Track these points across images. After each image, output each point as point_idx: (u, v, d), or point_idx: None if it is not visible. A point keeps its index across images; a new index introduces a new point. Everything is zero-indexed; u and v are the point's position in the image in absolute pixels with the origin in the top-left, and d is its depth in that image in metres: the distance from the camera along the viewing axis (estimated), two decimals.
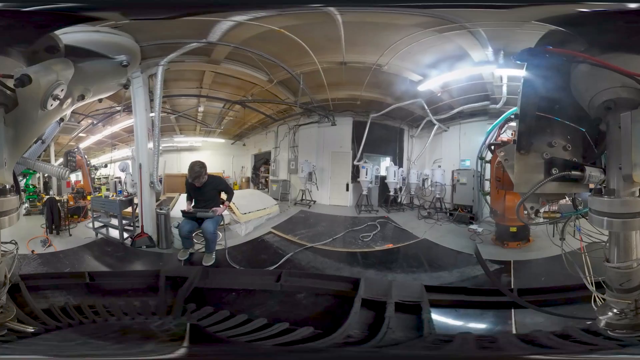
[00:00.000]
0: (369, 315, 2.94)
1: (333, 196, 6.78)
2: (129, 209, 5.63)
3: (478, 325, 3.16)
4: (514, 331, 2.98)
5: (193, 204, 5.00)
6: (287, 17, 4.20)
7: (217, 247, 5.04)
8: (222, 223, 5.14)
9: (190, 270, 3.75)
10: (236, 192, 6.23)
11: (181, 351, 2.24)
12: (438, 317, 3.10)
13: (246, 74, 5.60)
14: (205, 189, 4.95)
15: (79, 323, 2.75)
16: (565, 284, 2.96)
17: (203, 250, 5.02)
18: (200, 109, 6.51)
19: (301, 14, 4.16)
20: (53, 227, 5.30)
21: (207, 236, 4.83)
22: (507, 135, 4.36)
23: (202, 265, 4.79)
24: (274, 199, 6.87)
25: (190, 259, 5.01)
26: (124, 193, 5.87)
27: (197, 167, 4.82)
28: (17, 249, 2.42)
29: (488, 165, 5.22)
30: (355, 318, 2.80)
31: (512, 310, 3.12)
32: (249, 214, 5.97)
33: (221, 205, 5.00)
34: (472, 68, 4.87)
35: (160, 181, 5.70)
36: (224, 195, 5.14)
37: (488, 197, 5.39)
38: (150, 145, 5.42)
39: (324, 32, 4.59)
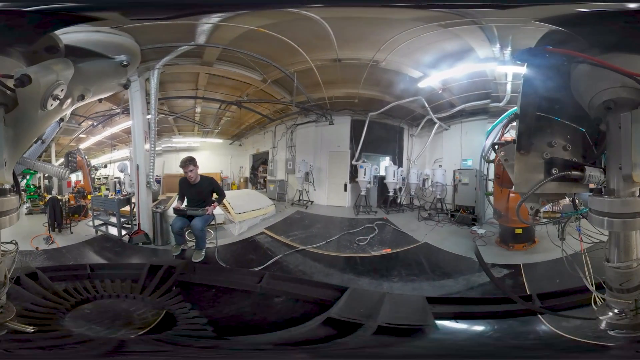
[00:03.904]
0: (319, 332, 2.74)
1: (331, 197, 6.75)
2: (127, 208, 5.75)
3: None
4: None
5: (185, 202, 5.13)
6: (267, 16, 4.14)
7: (209, 245, 5.15)
8: (213, 222, 5.25)
9: (172, 263, 4.00)
10: (232, 192, 6.27)
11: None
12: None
13: (240, 74, 5.60)
14: (198, 189, 5.08)
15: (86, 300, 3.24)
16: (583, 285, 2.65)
17: (194, 247, 5.13)
18: (197, 110, 6.51)
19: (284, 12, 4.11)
20: (55, 225, 5.40)
21: (196, 233, 4.97)
22: (510, 135, 4.35)
23: (191, 260, 4.92)
24: (271, 199, 6.86)
25: (182, 255, 5.15)
26: (123, 192, 5.96)
27: (187, 158, 5.01)
28: (18, 249, 2.42)
29: (491, 165, 5.17)
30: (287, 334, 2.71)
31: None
32: (244, 213, 5.97)
33: (211, 205, 5.09)
34: (476, 65, 4.83)
35: (159, 181, 5.78)
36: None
37: (491, 198, 5.34)
38: (147, 146, 5.51)
39: (311, 28, 4.48)
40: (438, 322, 2.83)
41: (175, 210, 5.05)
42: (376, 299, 3.16)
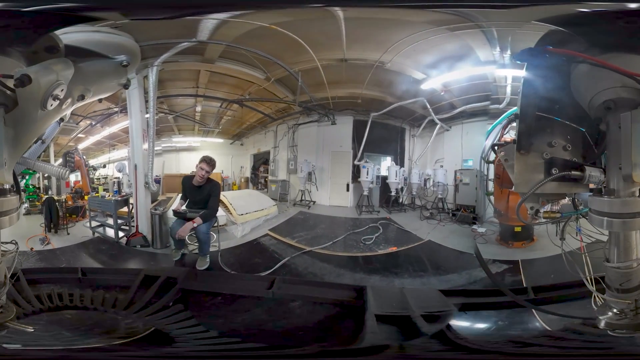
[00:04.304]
0: (389, 331, 2.64)
1: (333, 197, 6.74)
2: (125, 209, 5.67)
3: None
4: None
5: (186, 204, 4.98)
6: (281, 13, 4.08)
7: (212, 249, 4.99)
8: (215, 224, 5.11)
9: (173, 272, 3.70)
10: (234, 193, 6.22)
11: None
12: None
13: (242, 72, 5.57)
14: (203, 191, 4.92)
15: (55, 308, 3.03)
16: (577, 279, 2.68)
17: (197, 252, 4.98)
18: (198, 108, 6.49)
19: (298, 10, 4.08)
20: (52, 225, 5.35)
21: (200, 236, 4.77)
22: (510, 136, 4.36)
23: (193, 267, 4.75)
24: (273, 199, 6.84)
25: (182, 259, 5.00)
26: (120, 193, 5.90)
27: (209, 158, 4.89)
28: (18, 249, 2.42)
29: (492, 166, 5.19)
30: (372, 337, 2.51)
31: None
32: (246, 215, 5.92)
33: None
34: (477, 67, 4.84)
35: (158, 182, 5.72)
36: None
37: (492, 197, 5.37)
38: (146, 146, 5.43)
39: (322, 28, 4.51)
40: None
41: (175, 212, 4.86)
42: (397, 294, 3.18)
